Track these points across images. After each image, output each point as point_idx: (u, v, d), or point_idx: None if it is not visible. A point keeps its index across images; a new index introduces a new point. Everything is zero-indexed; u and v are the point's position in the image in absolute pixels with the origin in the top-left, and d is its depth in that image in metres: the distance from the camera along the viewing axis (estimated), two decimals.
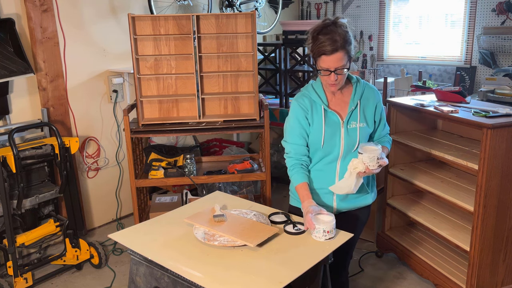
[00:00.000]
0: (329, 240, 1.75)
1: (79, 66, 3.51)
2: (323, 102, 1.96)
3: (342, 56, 1.83)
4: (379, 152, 1.83)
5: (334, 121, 1.96)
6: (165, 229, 1.90)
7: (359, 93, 1.98)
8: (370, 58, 5.55)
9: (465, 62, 4.72)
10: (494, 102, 3.40)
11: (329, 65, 1.84)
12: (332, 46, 1.80)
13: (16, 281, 2.81)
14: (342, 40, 1.81)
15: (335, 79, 1.86)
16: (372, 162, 1.82)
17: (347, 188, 1.90)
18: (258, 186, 3.90)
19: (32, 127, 3.05)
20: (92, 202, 3.76)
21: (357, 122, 1.96)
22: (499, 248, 2.52)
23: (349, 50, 1.85)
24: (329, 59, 1.82)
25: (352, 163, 1.86)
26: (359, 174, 1.86)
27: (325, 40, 1.81)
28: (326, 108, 1.95)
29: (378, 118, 2.03)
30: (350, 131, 1.95)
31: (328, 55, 1.82)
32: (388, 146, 2.09)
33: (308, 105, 1.97)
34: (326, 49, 1.81)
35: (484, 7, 4.47)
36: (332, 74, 1.85)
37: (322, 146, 1.95)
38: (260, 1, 4.65)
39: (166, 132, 2.97)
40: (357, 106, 1.97)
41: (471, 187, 2.65)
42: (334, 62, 1.83)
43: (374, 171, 1.84)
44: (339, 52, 1.81)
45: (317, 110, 1.96)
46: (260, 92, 3.79)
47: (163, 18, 2.96)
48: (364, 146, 1.87)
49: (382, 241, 3.23)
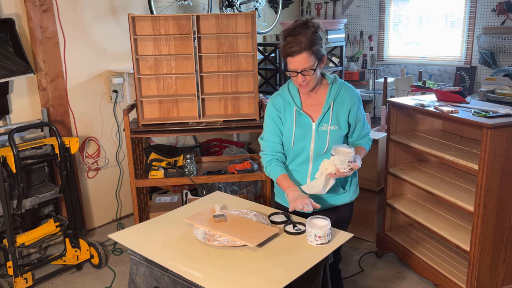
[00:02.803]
0: (322, 245, 1.72)
1: (79, 66, 3.51)
2: (295, 104, 1.99)
3: (307, 58, 1.84)
4: (352, 156, 1.84)
5: (305, 122, 1.99)
6: (165, 229, 1.90)
7: (333, 95, 1.99)
8: (370, 58, 5.55)
9: (465, 62, 4.72)
10: (494, 102, 3.41)
11: (295, 67, 1.87)
12: (297, 47, 1.83)
13: (16, 281, 2.81)
14: (308, 41, 1.83)
15: (302, 80, 1.89)
16: (343, 165, 1.84)
17: (316, 188, 1.92)
18: (258, 186, 3.90)
19: (32, 127, 3.05)
20: (92, 202, 3.76)
21: (329, 125, 1.97)
22: (499, 248, 2.52)
23: (316, 51, 1.86)
24: (294, 60, 1.85)
25: (323, 163, 1.89)
26: (330, 175, 1.88)
27: (291, 41, 1.84)
28: (298, 110, 1.99)
29: (353, 121, 2.03)
30: (321, 133, 1.97)
31: (293, 56, 1.85)
32: (367, 147, 2.09)
33: (281, 105, 2.02)
34: (290, 50, 1.84)
35: (484, 7, 4.48)
36: (299, 75, 1.88)
37: (292, 146, 2.00)
38: (260, 1, 4.65)
39: (166, 132, 2.97)
40: (329, 108, 1.98)
41: (471, 187, 2.65)
42: (299, 63, 1.85)
43: (346, 173, 1.86)
44: (304, 54, 1.83)
45: (290, 111, 2.00)
46: (260, 92, 3.79)
47: (163, 18, 2.96)
48: (337, 148, 1.87)
49: (382, 241, 3.23)
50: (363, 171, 3.01)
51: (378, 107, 5.28)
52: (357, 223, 3.35)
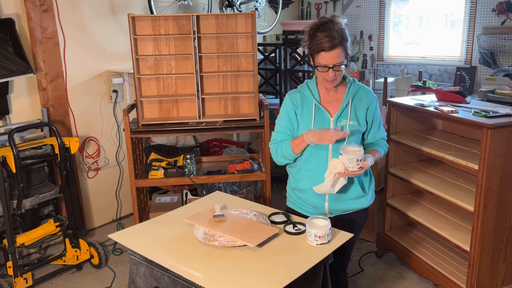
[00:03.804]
0: (322, 245, 1.72)
1: (79, 66, 3.51)
2: (314, 98, 1.99)
3: (340, 53, 1.86)
4: (360, 154, 1.82)
5: (324, 117, 1.99)
6: (165, 229, 1.90)
7: (352, 92, 2.00)
8: (370, 58, 5.55)
9: (465, 62, 4.72)
10: (494, 102, 3.40)
11: (328, 62, 1.87)
12: (331, 42, 1.83)
13: (16, 281, 2.81)
14: (340, 36, 1.84)
15: (333, 75, 1.89)
16: (351, 164, 1.81)
17: (324, 188, 1.90)
18: (258, 186, 3.90)
19: (32, 127, 3.05)
20: (92, 202, 3.76)
21: (348, 120, 1.98)
22: (499, 248, 2.52)
23: (346, 47, 1.88)
24: (328, 55, 1.85)
25: (332, 162, 1.87)
26: (340, 174, 1.86)
27: (324, 37, 1.83)
28: (317, 104, 1.99)
29: (370, 119, 2.03)
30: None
31: (327, 51, 1.84)
32: (382, 152, 2.07)
33: (299, 100, 2.02)
34: (325, 45, 1.83)
35: (484, 7, 4.47)
36: (330, 71, 1.88)
37: None
38: (260, 1, 4.65)
39: (166, 132, 2.97)
40: (348, 104, 1.99)
41: (471, 187, 2.65)
42: (333, 58, 1.86)
43: (355, 172, 1.84)
44: (338, 49, 1.84)
45: (308, 106, 2.00)
46: (260, 92, 3.79)
47: (163, 18, 2.96)
48: (345, 147, 1.86)
49: (382, 241, 3.23)
50: None
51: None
52: None
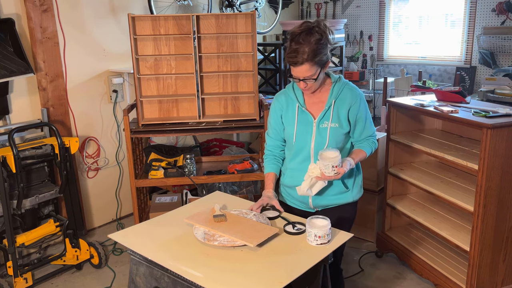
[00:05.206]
0: (322, 245, 1.73)
1: (79, 66, 3.51)
2: (298, 102, 2.03)
3: (308, 68, 1.87)
4: (337, 160, 1.86)
5: (307, 120, 2.02)
6: (165, 229, 1.90)
7: (335, 93, 2.01)
8: (370, 58, 5.55)
9: (465, 62, 4.72)
10: (494, 102, 3.41)
11: (297, 75, 1.90)
12: (299, 59, 1.85)
13: (16, 281, 2.81)
14: (311, 52, 1.84)
15: (304, 86, 1.94)
16: (327, 169, 1.86)
17: (301, 191, 1.96)
18: (258, 186, 3.90)
19: (32, 127, 3.05)
20: (92, 202, 3.76)
21: (329, 122, 1.99)
22: (499, 248, 2.52)
23: (318, 61, 1.87)
24: (296, 69, 1.89)
25: (310, 166, 1.94)
26: (317, 178, 1.92)
27: (292, 51, 1.86)
28: (300, 107, 2.02)
29: (353, 119, 2.03)
30: (321, 130, 2.00)
31: (294, 67, 1.88)
32: (368, 150, 2.07)
33: (284, 102, 2.07)
34: (292, 60, 1.86)
35: (484, 7, 4.48)
36: (301, 82, 1.93)
37: (294, 141, 2.04)
38: (260, 1, 4.65)
39: (166, 132, 2.97)
40: (330, 106, 2.00)
41: (471, 187, 2.65)
42: (301, 72, 1.89)
43: (332, 177, 1.88)
44: (305, 65, 1.86)
45: (292, 108, 2.05)
46: (260, 92, 3.79)
47: (163, 18, 2.96)
48: (323, 152, 1.90)
49: (382, 241, 3.23)
50: (363, 171, 3.01)
51: (378, 107, 5.27)
52: (357, 223, 3.34)
